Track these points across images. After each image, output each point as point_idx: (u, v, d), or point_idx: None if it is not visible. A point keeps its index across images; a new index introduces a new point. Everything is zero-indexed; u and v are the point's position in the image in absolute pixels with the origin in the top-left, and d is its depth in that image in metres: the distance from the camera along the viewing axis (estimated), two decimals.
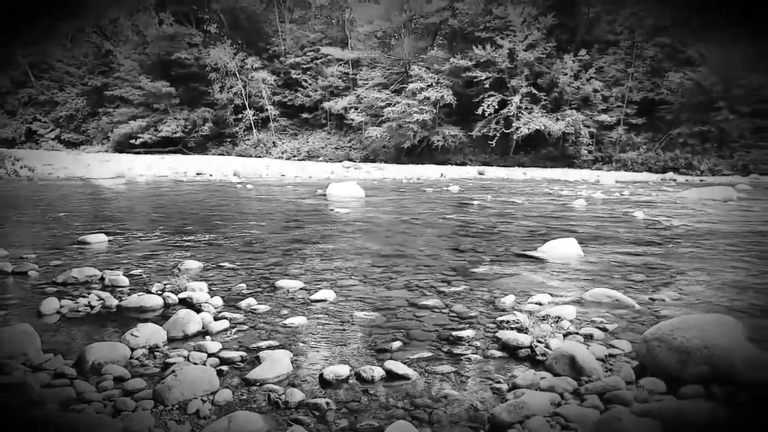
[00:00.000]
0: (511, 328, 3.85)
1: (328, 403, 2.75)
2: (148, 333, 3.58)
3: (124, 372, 3.10)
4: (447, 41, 40.47)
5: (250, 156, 42.27)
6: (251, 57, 44.38)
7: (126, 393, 2.87)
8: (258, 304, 4.48)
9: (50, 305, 4.27)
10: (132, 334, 3.54)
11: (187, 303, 4.48)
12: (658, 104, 32.20)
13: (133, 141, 44.59)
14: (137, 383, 2.97)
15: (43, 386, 2.89)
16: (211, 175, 24.12)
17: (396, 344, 3.60)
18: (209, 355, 3.41)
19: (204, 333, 3.82)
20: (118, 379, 3.02)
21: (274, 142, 43.53)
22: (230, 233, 8.25)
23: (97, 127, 49.49)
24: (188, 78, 45.20)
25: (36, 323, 3.78)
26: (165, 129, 44.31)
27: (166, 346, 3.56)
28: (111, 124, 46.93)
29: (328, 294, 4.74)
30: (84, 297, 4.59)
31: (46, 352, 3.33)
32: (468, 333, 3.78)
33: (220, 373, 3.13)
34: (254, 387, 2.98)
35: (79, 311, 4.32)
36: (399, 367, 3.15)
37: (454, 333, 3.78)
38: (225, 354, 3.41)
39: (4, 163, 21.23)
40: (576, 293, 4.91)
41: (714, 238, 8.30)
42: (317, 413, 2.68)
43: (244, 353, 3.43)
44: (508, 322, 3.97)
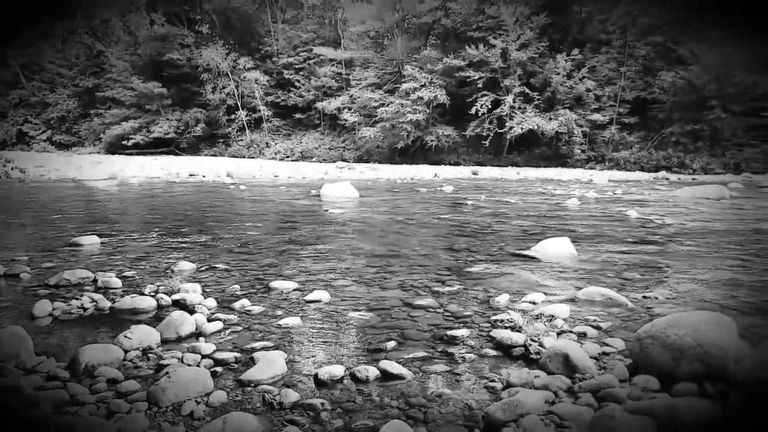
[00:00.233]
0: (505, 327, 3.86)
1: (322, 404, 2.74)
2: (142, 335, 3.57)
3: (117, 374, 3.08)
4: (440, 41, 40.56)
5: (243, 157, 42.24)
6: (243, 57, 44.35)
7: (119, 395, 2.85)
8: (252, 305, 4.47)
9: (42, 308, 4.24)
10: (125, 336, 3.53)
11: (180, 304, 4.46)
12: (650, 103, 32.38)
13: (125, 142, 44.50)
14: (131, 385, 2.95)
15: (36, 389, 2.87)
16: (204, 176, 24.06)
17: (391, 344, 3.60)
18: (203, 356, 3.40)
19: (198, 334, 3.80)
20: (112, 381, 3.00)
21: (267, 143, 43.49)
22: (224, 234, 8.23)
23: (88, 129, 49.34)
24: (180, 79, 45.13)
25: (28, 326, 3.76)
26: (157, 130, 44.23)
27: (160, 348, 3.55)
28: (103, 125, 46.82)
29: (323, 294, 4.73)
30: (76, 299, 4.56)
31: (39, 354, 3.30)
32: (462, 332, 3.78)
33: (215, 375, 3.11)
34: (249, 388, 2.97)
35: (72, 313, 4.29)
36: (394, 367, 3.15)
37: (448, 332, 3.78)
38: (219, 355, 3.39)
39: None
40: (569, 292, 4.92)
41: (707, 236, 8.34)
42: (312, 414, 2.68)
43: (238, 354, 3.41)
44: (502, 321, 3.97)
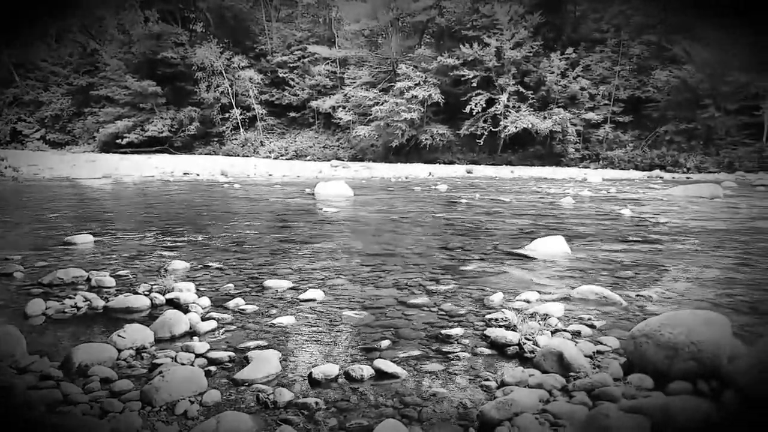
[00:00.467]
0: (500, 326, 3.86)
1: (317, 403, 2.74)
2: (135, 334, 3.55)
3: (111, 373, 3.06)
4: (434, 40, 40.58)
5: (238, 155, 42.16)
6: (238, 56, 44.26)
7: (113, 394, 2.84)
8: (246, 304, 4.46)
9: (36, 307, 4.22)
10: (119, 335, 3.51)
11: (174, 303, 4.44)
12: (644, 102, 32.49)
13: (119, 141, 44.33)
14: (124, 384, 2.94)
15: (29, 388, 2.85)
16: (198, 175, 24.01)
17: (385, 343, 3.60)
18: (197, 355, 3.38)
19: (191, 333, 3.79)
20: (105, 381, 2.99)
21: (261, 142, 43.41)
22: (218, 233, 8.21)
23: (82, 127, 49.13)
24: (174, 77, 45.01)
25: (21, 325, 3.74)
26: (151, 128, 44.11)
27: (154, 347, 3.53)
28: (97, 123, 46.62)
29: (317, 293, 4.72)
30: (70, 298, 4.54)
31: (32, 354, 3.28)
32: (457, 331, 3.78)
33: (208, 374, 3.10)
34: (243, 387, 2.96)
35: (65, 312, 4.27)
36: (388, 366, 3.15)
37: (443, 331, 3.78)
38: (213, 354, 3.38)
39: None
40: (564, 290, 4.93)
41: (701, 235, 8.38)
42: (306, 413, 2.67)
43: (232, 353, 3.40)
44: (496, 319, 3.97)
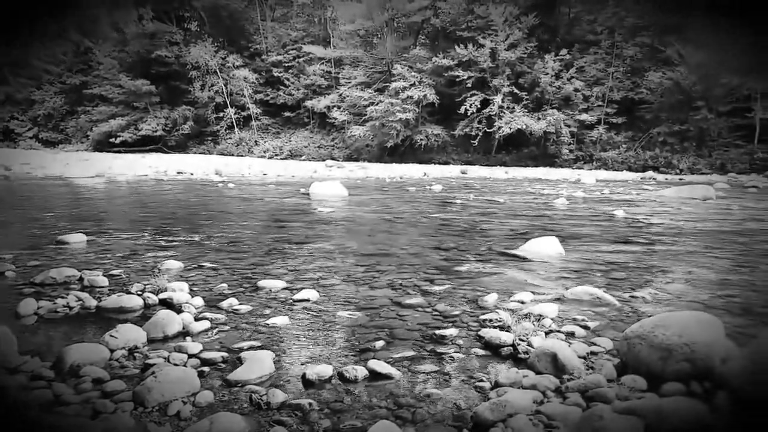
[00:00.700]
0: (494, 327, 3.86)
1: (310, 404, 2.73)
2: (128, 334, 3.53)
3: (103, 373, 3.05)
4: (429, 40, 40.57)
5: (232, 155, 42.02)
6: (232, 55, 44.11)
7: (105, 395, 2.83)
8: (240, 304, 4.44)
9: (28, 306, 4.19)
10: (111, 335, 3.49)
11: (167, 303, 4.43)
12: (638, 104, 32.57)
13: (112, 140, 44.08)
14: (117, 385, 2.92)
15: (21, 389, 2.84)
16: (192, 174, 23.92)
17: (379, 344, 3.59)
18: (190, 356, 3.37)
19: (185, 334, 3.78)
20: (97, 381, 2.97)
21: (256, 141, 43.29)
22: (212, 233, 8.18)
23: (76, 126, 48.84)
24: (169, 76, 44.80)
25: (13, 325, 3.71)
26: (145, 128, 43.89)
27: (146, 347, 3.52)
28: (90, 122, 46.35)
29: (311, 294, 4.71)
30: (62, 298, 4.52)
31: (24, 354, 3.26)
32: (451, 332, 3.78)
33: (201, 374, 3.09)
34: (236, 388, 2.95)
35: (58, 312, 4.25)
36: (382, 367, 3.14)
37: (437, 332, 3.78)
38: (206, 355, 3.37)
39: None
40: (557, 291, 4.94)
41: (694, 236, 8.41)
42: (300, 414, 2.66)
43: (225, 354, 3.39)
44: (490, 320, 3.97)
